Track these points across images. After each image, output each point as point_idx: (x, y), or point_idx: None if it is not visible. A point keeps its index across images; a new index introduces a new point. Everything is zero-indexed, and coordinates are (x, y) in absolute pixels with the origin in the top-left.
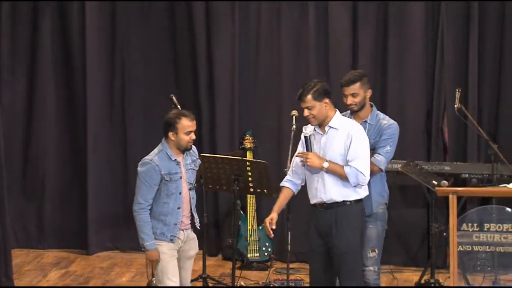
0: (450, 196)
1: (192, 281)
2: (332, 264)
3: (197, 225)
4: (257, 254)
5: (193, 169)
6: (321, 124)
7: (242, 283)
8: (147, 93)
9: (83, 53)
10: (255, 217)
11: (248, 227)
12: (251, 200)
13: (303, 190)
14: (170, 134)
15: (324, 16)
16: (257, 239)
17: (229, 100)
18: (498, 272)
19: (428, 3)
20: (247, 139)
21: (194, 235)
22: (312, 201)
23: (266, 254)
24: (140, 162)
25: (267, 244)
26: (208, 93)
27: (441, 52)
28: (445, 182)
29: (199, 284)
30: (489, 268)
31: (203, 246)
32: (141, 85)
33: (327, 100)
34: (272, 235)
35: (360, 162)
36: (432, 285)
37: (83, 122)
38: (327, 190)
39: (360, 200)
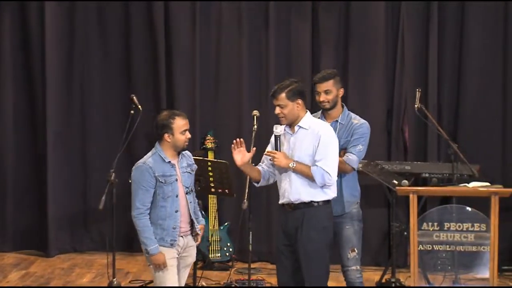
0: (411, 195)
1: (152, 281)
2: (299, 265)
3: (197, 229)
4: (219, 254)
5: (189, 172)
6: (291, 124)
7: (204, 283)
8: (106, 94)
9: (42, 52)
10: (217, 217)
11: (210, 227)
12: (212, 200)
13: (263, 190)
14: (166, 136)
15: (285, 16)
16: (218, 239)
17: (190, 100)
18: (458, 271)
19: (388, 3)
20: (209, 139)
21: (194, 243)
22: (280, 201)
23: (227, 254)
24: (133, 168)
25: (228, 244)
26: (168, 93)
27: (401, 52)
28: (405, 181)
29: None
30: (449, 267)
31: None
32: (100, 85)
33: (300, 101)
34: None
35: (327, 163)
36: (393, 285)
37: (43, 122)
38: (294, 190)
39: (328, 202)
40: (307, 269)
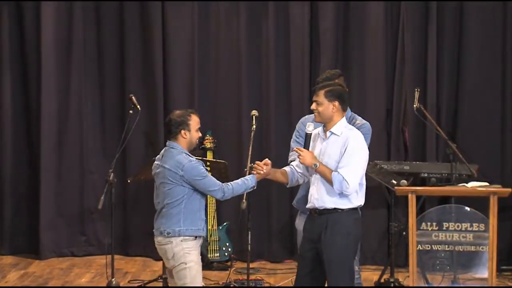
0: (409, 195)
1: (151, 281)
2: (319, 270)
3: None
4: (217, 254)
5: None
6: (325, 127)
7: (203, 283)
8: (103, 94)
9: (38, 53)
10: (215, 217)
11: (208, 227)
12: (211, 200)
13: (263, 190)
14: (183, 132)
15: (284, 16)
16: (217, 239)
17: (188, 100)
18: (457, 271)
19: (388, 3)
20: (207, 139)
21: None
22: (307, 206)
23: (226, 254)
24: (186, 168)
25: (227, 244)
26: (165, 93)
27: (401, 52)
28: (404, 181)
29: (159, 284)
30: (448, 267)
31: None
32: (97, 85)
33: (336, 104)
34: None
35: (349, 171)
36: (392, 284)
37: (39, 123)
38: (320, 197)
39: (354, 209)
40: (330, 274)
